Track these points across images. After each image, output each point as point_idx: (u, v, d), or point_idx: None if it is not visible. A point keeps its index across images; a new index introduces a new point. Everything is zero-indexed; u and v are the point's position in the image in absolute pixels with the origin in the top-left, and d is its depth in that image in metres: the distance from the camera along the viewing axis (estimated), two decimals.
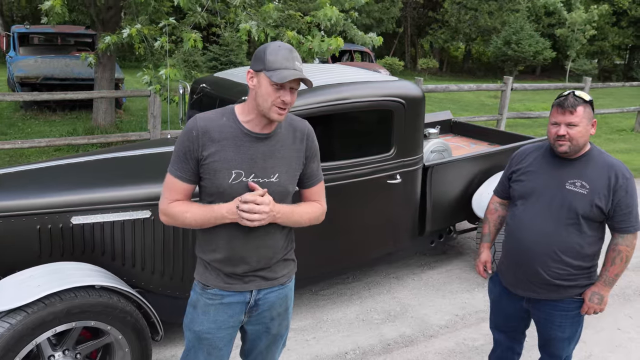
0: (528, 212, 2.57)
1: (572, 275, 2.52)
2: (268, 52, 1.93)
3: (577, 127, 2.40)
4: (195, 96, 4.26)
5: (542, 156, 2.61)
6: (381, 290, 4.49)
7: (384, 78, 3.98)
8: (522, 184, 2.62)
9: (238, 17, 5.53)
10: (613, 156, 2.57)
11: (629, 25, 26.82)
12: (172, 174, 2.05)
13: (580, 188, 2.44)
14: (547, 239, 2.50)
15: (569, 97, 2.43)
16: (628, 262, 2.51)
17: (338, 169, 3.59)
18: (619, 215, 2.44)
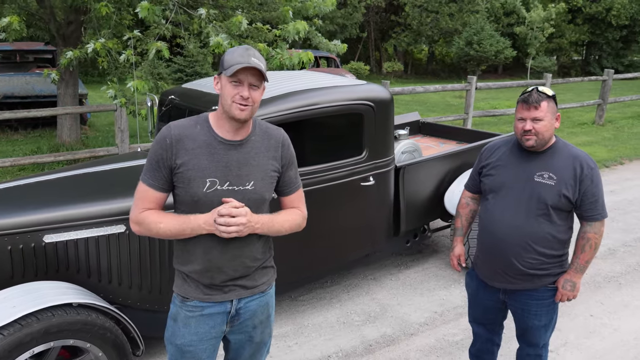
0: (499, 205, 2.64)
1: (545, 264, 2.60)
2: (226, 54, 1.98)
3: (542, 122, 2.48)
4: (164, 108, 4.23)
5: (510, 150, 2.68)
6: (360, 292, 4.52)
7: (352, 82, 4.03)
8: (492, 178, 2.69)
9: (204, 29, 5.51)
10: (578, 147, 2.66)
11: (584, 22, 27.64)
12: (144, 182, 2.04)
13: (547, 179, 2.52)
14: (518, 230, 2.57)
15: (533, 93, 2.51)
16: (597, 249, 2.60)
17: (311, 174, 3.61)
18: (586, 204, 2.53)
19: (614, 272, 4.90)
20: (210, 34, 5.08)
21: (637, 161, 9.07)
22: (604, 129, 11.82)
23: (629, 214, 6.40)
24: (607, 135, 11.05)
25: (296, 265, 3.73)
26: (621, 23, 26.56)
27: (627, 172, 8.40)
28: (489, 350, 3.13)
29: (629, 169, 8.61)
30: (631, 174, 8.28)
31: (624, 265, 5.03)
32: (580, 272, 2.63)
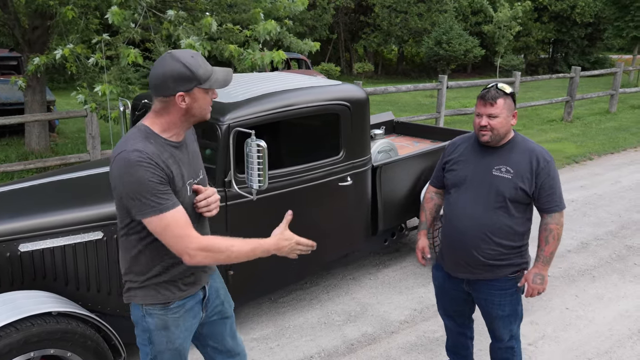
0: (460, 199, 2.73)
1: (504, 255, 2.67)
2: (194, 68, 1.94)
3: (498, 118, 2.57)
4: (137, 112, 4.18)
5: (472, 146, 2.78)
6: (340, 292, 4.53)
7: (327, 83, 4.04)
8: (454, 173, 2.78)
9: (174, 32, 5.45)
10: (536, 142, 2.75)
11: (550, 20, 28.24)
12: (172, 207, 1.92)
13: (505, 173, 2.60)
14: (478, 222, 2.65)
15: (490, 90, 2.60)
16: (560, 239, 2.68)
17: (289, 176, 3.61)
18: (543, 196, 2.62)
19: (587, 265, 5.02)
20: (180, 37, 5.03)
21: (605, 156, 9.30)
22: (573, 125, 12.09)
23: (600, 208, 6.56)
24: (576, 132, 11.31)
25: (276, 268, 3.72)
26: (585, 21, 27.22)
27: (596, 167, 8.60)
28: (463, 345, 3.20)
29: (598, 164, 8.82)
30: (600, 169, 8.48)
31: (596, 259, 5.15)
32: (547, 264, 2.70)
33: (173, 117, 1.99)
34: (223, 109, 3.36)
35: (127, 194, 1.88)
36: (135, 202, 1.88)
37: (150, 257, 2.05)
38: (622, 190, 7.33)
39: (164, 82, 1.92)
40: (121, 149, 1.90)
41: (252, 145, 2.98)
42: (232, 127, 3.26)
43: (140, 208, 1.88)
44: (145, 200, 1.87)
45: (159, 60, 1.97)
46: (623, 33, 21.52)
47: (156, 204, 1.88)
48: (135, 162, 1.85)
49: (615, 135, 10.85)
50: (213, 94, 2.05)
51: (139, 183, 1.86)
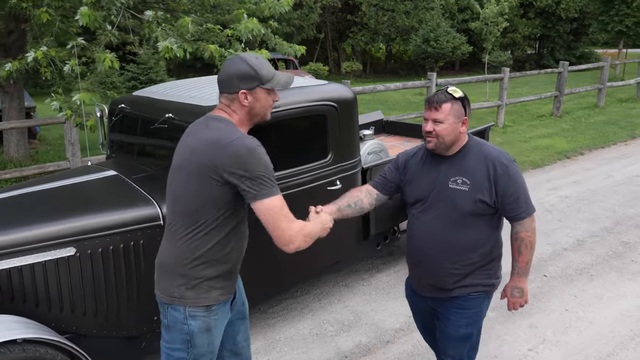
0: (420, 216, 2.54)
1: (469, 273, 2.50)
2: (258, 69, 2.09)
3: (443, 124, 2.37)
4: (114, 118, 3.99)
5: (425, 157, 2.57)
6: (332, 300, 4.36)
7: (313, 82, 3.87)
8: (412, 189, 2.58)
9: (153, 32, 5.25)
10: (495, 145, 2.55)
11: (536, 16, 28.24)
12: (278, 192, 2.06)
13: (461, 185, 2.40)
14: (440, 239, 2.47)
15: (438, 93, 2.41)
16: (534, 248, 2.47)
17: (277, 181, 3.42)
18: (507, 204, 2.40)
19: (584, 263, 4.88)
20: (158, 38, 4.82)
21: (596, 151, 9.21)
22: (562, 120, 12.00)
23: (594, 204, 6.44)
24: (566, 127, 11.22)
25: (264, 278, 3.54)
26: (570, 16, 27.25)
27: (587, 162, 8.50)
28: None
29: (589, 158, 8.72)
30: (592, 163, 8.38)
31: (593, 256, 5.02)
32: (524, 275, 2.51)
33: (239, 115, 2.13)
34: (201, 112, 3.16)
35: (256, 176, 1.98)
36: (260, 183, 1.99)
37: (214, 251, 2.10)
38: (615, 184, 7.22)
39: (229, 80, 2.10)
40: (230, 137, 2.00)
41: None
42: None
43: (264, 189, 1.99)
44: (270, 182, 2.02)
45: (228, 60, 2.15)
46: (608, 27, 21.51)
47: (276, 185, 2.05)
48: (256, 146, 2.01)
49: (604, 129, 10.78)
50: (275, 97, 2.19)
51: (265, 166, 2.01)
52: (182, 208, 2.10)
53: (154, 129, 3.48)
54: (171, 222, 2.16)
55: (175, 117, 3.26)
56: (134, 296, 3.02)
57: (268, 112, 2.20)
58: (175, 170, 2.18)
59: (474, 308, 2.57)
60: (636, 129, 10.79)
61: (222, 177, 1.99)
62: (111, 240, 2.91)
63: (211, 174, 2.00)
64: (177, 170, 2.16)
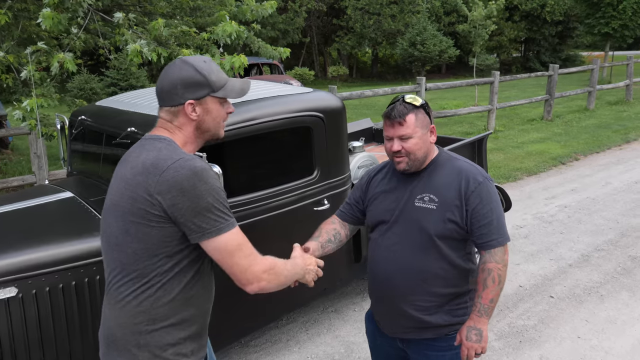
0: (383, 240, 2.17)
1: (442, 306, 2.13)
2: (206, 73, 1.70)
3: (412, 139, 2.03)
4: (74, 131, 3.57)
5: (390, 174, 2.23)
6: (320, 329, 3.96)
7: (296, 91, 3.47)
8: (374, 209, 2.22)
9: (123, 36, 4.82)
10: (469, 160, 2.19)
11: (522, 19, 28.20)
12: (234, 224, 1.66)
13: (428, 202, 2.06)
14: (405, 268, 2.10)
15: (396, 106, 2.04)
16: (503, 283, 2.07)
17: (254, 203, 3.02)
18: (477, 227, 2.04)
19: (592, 281, 4.53)
20: (128, 41, 4.39)
21: (591, 156, 8.92)
22: (553, 124, 11.72)
23: (595, 214, 6.11)
24: (558, 131, 10.93)
25: (244, 312, 3.13)
26: (555, 19, 27.24)
27: (583, 168, 8.19)
28: None
29: (585, 164, 8.42)
30: (588, 169, 8.07)
31: (601, 273, 4.67)
32: (486, 315, 2.08)
33: (186, 132, 1.73)
34: None
35: (203, 208, 1.57)
36: (208, 217, 1.57)
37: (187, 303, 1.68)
38: (615, 192, 6.91)
39: (172, 89, 1.68)
40: (169, 159, 1.58)
41: None
42: None
43: (214, 224, 1.59)
44: (221, 214, 1.60)
45: (169, 66, 1.73)
46: (594, 30, 21.42)
47: (230, 217, 1.64)
48: (202, 168, 1.59)
49: (597, 133, 10.51)
50: (229, 108, 1.80)
51: (214, 193, 1.59)
52: (123, 259, 1.63)
53: (117, 144, 3.06)
54: (111, 280, 1.68)
55: (139, 131, 2.85)
56: (89, 343, 2.59)
57: (221, 128, 1.79)
58: (108, 211, 1.69)
59: (455, 348, 2.17)
60: (629, 132, 10.54)
61: (164, 211, 1.55)
62: (61, 278, 2.49)
63: (150, 208, 1.56)
64: (111, 210, 1.67)
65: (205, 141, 1.79)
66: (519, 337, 3.75)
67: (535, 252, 5.12)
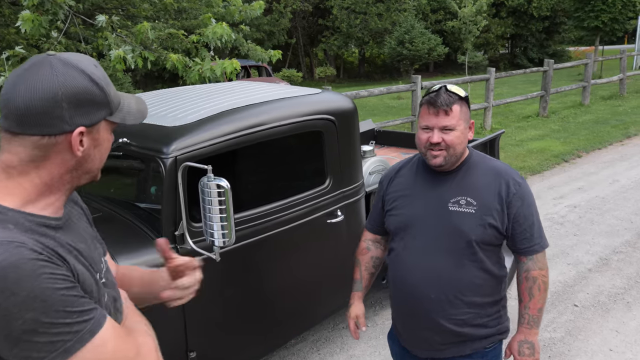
0: (410, 249, 1.97)
1: (479, 318, 1.96)
2: (104, 85, 1.12)
3: (454, 132, 1.85)
4: None
5: (415, 174, 2.04)
6: (333, 348, 3.66)
7: (302, 92, 3.17)
8: (397, 215, 2.03)
9: (107, 40, 4.50)
10: (499, 160, 2.00)
11: (508, 15, 28.16)
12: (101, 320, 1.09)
13: (466, 207, 1.89)
14: (440, 279, 1.91)
15: (441, 93, 1.85)
16: (547, 290, 1.95)
17: (262, 218, 2.72)
18: (519, 232, 1.90)
19: (616, 287, 4.28)
20: (111, 46, 4.06)
21: (593, 153, 8.72)
22: (550, 120, 11.54)
23: (607, 214, 5.88)
24: (555, 127, 10.74)
25: (249, 338, 2.83)
26: (542, 14, 27.21)
27: (587, 165, 7.98)
28: None
29: (589, 161, 8.21)
30: (593, 167, 7.86)
31: (624, 278, 4.42)
32: (536, 326, 1.95)
33: (51, 174, 1.09)
34: (166, 135, 2.45)
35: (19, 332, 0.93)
36: (36, 341, 0.95)
37: None
38: (623, 190, 6.69)
39: (50, 107, 1.04)
40: None
41: (210, 187, 2.11)
42: (180, 160, 2.36)
43: (52, 346, 0.96)
44: (58, 328, 0.96)
45: (28, 68, 1.06)
46: (584, 23, 21.36)
47: (77, 326, 0.99)
48: (17, 262, 0.94)
49: (597, 129, 10.32)
50: (111, 137, 1.20)
51: (39, 299, 0.94)
52: None
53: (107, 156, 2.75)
54: None
55: (132, 141, 2.54)
56: None
57: (99, 168, 1.19)
58: None
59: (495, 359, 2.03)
60: (629, 127, 10.37)
61: None
62: None
63: None
64: None
65: (73, 190, 1.17)
66: (547, 352, 3.49)
67: (551, 256, 4.86)
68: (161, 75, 22.91)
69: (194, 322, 2.50)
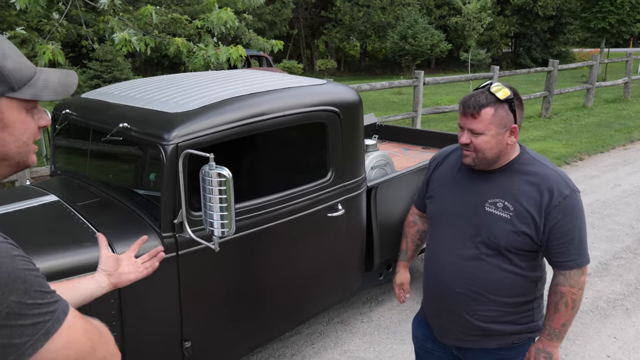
0: (441, 240, 2.00)
1: (507, 316, 1.94)
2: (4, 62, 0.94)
3: (483, 136, 1.80)
4: (58, 126, 3.18)
5: (460, 165, 2.01)
6: (327, 342, 3.62)
7: (307, 82, 3.11)
8: (434, 204, 2.05)
9: (109, 23, 4.42)
10: (557, 167, 1.91)
11: (513, 14, 28.02)
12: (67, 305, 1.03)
13: (502, 210, 1.84)
14: (466, 275, 1.91)
15: (476, 94, 1.81)
16: (577, 307, 1.89)
17: (262, 209, 2.67)
18: (555, 245, 1.82)
19: (615, 293, 4.24)
20: (115, 29, 3.99)
21: (595, 156, 8.67)
22: (552, 122, 11.48)
23: (608, 218, 5.84)
24: (557, 129, 10.69)
25: (245, 329, 2.78)
26: (548, 14, 27.07)
27: (589, 168, 7.94)
28: None
29: (590, 164, 8.17)
30: (594, 170, 7.82)
31: (623, 284, 4.39)
32: (557, 339, 1.91)
33: None
34: (168, 122, 2.39)
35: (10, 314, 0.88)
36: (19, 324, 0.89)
37: None
38: (625, 195, 6.65)
39: None
40: None
41: (212, 175, 2.05)
42: (181, 147, 2.30)
43: (34, 328, 0.91)
44: (37, 311, 0.91)
45: None
46: (590, 24, 21.23)
47: (52, 306, 0.94)
48: None
49: (599, 132, 10.27)
50: (41, 118, 1.05)
51: (15, 282, 0.89)
52: None
53: (107, 142, 2.69)
54: None
55: (133, 127, 2.48)
56: None
57: (30, 152, 1.05)
58: None
59: (519, 356, 2.02)
60: (632, 132, 10.32)
61: None
62: None
63: None
64: None
65: (4, 175, 1.04)
66: None
67: None
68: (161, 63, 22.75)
69: (189, 312, 2.45)
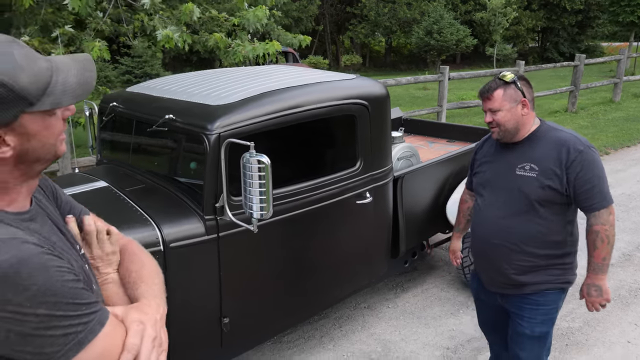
0: (485, 204, 2.47)
1: (540, 267, 2.35)
2: (9, 78, 0.95)
3: (500, 112, 2.30)
4: (105, 118, 3.41)
5: (495, 144, 2.51)
6: (355, 326, 3.80)
7: (338, 77, 3.29)
8: (479, 176, 2.54)
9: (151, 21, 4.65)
10: (573, 130, 2.34)
11: (540, 8, 27.68)
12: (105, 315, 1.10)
13: (529, 171, 2.30)
14: (505, 230, 2.37)
15: (488, 83, 2.35)
16: (612, 242, 2.28)
17: (294, 196, 2.86)
18: (580, 193, 2.24)
19: (637, 283, 4.33)
20: (157, 27, 4.21)
21: (622, 150, 8.66)
22: (578, 116, 11.45)
23: (633, 211, 5.89)
24: (584, 123, 10.66)
25: (279, 309, 2.98)
26: (576, 8, 26.69)
27: (615, 162, 7.95)
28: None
29: (617, 158, 8.17)
30: (621, 164, 7.83)
31: None
32: (602, 272, 2.30)
33: (5, 175, 1.04)
34: (210, 113, 2.60)
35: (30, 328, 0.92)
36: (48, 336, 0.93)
37: None
38: None
39: None
40: None
41: (252, 162, 2.25)
42: (223, 137, 2.51)
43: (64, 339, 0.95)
44: (68, 320, 0.96)
45: None
46: (619, 18, 20.90)
47: (86, 317, 0.99)
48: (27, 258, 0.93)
49: (626, 127, 10.22)
50: (65, 111, 1.08)
51: (46, 295, 0.93)
52: None
53: (152, 132, 2.91)
54: None
55: (178, 118, 2.69)
56: None
57: (60, 144, 1.10)
58: None
59: (550, 304, 2.41)
60: None
61: None
62: None
63: None
64: None
65: (39, 173, 1.11)
66: (564, 340, 3.58)
67: None
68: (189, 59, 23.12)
69: (229, 290, 2.65)
